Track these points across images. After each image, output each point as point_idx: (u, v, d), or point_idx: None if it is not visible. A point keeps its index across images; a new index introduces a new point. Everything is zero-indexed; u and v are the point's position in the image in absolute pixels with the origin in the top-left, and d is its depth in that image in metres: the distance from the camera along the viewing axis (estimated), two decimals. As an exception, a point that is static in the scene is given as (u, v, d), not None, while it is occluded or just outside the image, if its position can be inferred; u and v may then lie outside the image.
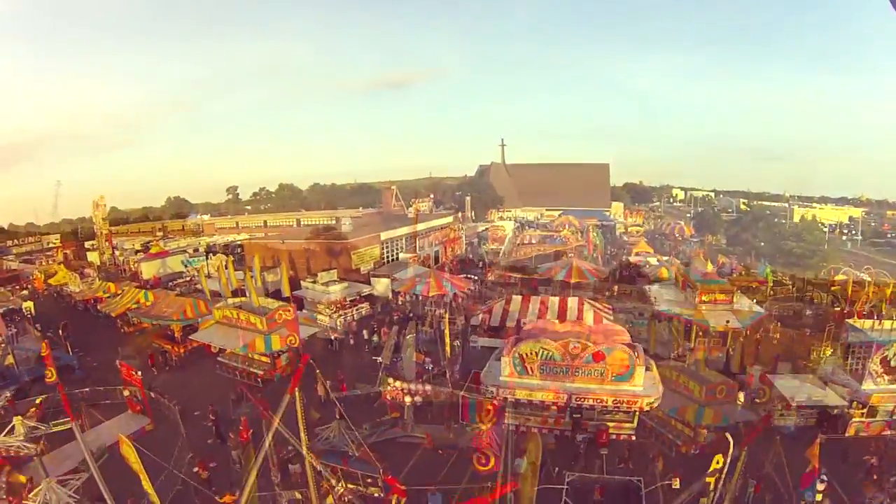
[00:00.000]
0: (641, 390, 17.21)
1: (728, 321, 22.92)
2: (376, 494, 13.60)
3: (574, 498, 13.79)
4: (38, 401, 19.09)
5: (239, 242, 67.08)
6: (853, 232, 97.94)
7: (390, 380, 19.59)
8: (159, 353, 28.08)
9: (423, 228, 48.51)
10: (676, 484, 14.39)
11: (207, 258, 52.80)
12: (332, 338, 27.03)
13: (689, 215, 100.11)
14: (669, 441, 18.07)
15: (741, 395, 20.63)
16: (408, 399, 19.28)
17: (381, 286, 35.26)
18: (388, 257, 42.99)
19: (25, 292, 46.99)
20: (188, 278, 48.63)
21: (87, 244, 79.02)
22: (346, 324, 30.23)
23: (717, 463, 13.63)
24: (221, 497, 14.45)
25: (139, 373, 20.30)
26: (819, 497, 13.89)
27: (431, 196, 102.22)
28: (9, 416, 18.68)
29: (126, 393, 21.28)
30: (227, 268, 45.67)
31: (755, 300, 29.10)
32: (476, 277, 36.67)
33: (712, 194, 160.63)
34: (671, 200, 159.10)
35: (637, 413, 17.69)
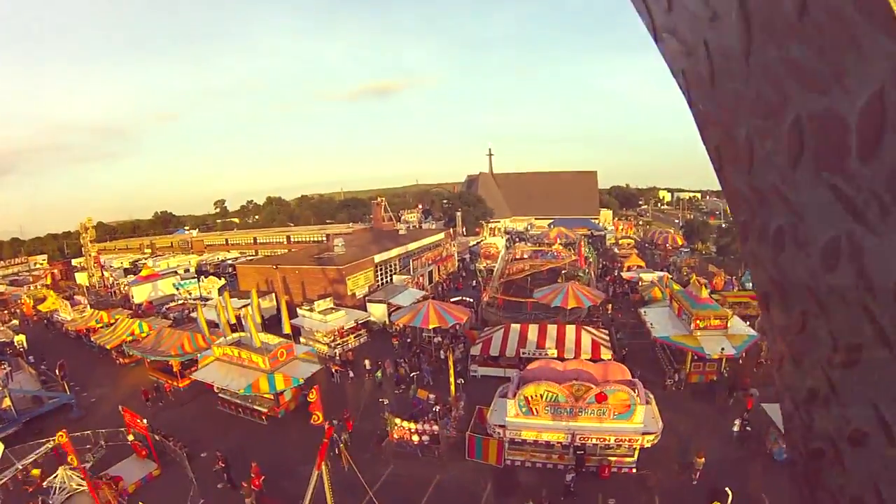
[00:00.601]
0: (642, 427, 17.65)
1: (723, 348, 23.45)
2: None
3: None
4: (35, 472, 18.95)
5: (230, 262, 66.79)
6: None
7: (397, 420, 19.82)
8: (153, 389, 27.89)
9: (416, 248, 48.71)
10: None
11: (199, 280, 52.56)
12: (334, 370, 27.13)
13: (677, 221, 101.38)
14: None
15: (737, 422, 21.17)
16: (415, 438, 19.56)
17: (377, 311, 35.37)
18: (382, 279, 43.09)
19: (15, 322, 46.32)
20: (181, 301, 48.36)
21: (75, 262, 78.15)
22: (343, 353, 30.32)
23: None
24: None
25: (144, 420, 20.27)
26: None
27: (420, 206, 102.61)
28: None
29: (130, 437, 21.22)
30: (220, 293, 45.81)
31: (747, 317, 29.68)
32: (472, 300, 36.92)
33: (699, 195, 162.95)
34: (658, 203, 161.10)
35: (638, 448, 18.13)
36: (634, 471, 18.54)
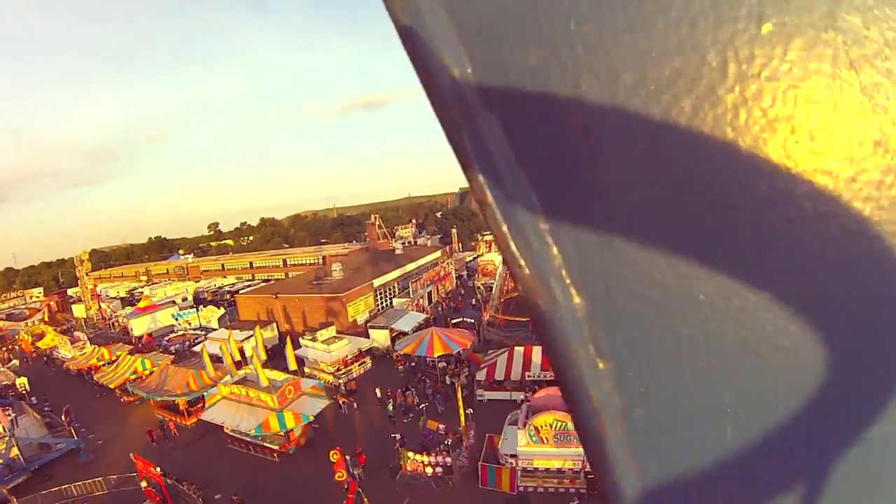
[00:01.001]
0: (650, 448, 18.01)
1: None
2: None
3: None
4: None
5: (227, 289, 66.61)
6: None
7: (410, 453, 20.04)
8: (157, 427, 27.81)
9: (414, 268, 49.00)
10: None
11: (197, 309, 52.42)
12: (341, 402, 27.23)
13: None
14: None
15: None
16: (429, 470, 19.78)
17: (380, 337, 35.49)
18: (382, 303, 43.23)
19: (15, 362, 46.03)
20: (181, 332, 48.29)
21: (71, 292, 77.88)
22: (348, 382, 30.39)
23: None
24: None
25: (158, 468, 20.34)
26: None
27: (413, 221, 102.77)
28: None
29: (143, 484, 21.24)
30: (221, 323, 45.84)
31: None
32: (472, 321, 37.16)
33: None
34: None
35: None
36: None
